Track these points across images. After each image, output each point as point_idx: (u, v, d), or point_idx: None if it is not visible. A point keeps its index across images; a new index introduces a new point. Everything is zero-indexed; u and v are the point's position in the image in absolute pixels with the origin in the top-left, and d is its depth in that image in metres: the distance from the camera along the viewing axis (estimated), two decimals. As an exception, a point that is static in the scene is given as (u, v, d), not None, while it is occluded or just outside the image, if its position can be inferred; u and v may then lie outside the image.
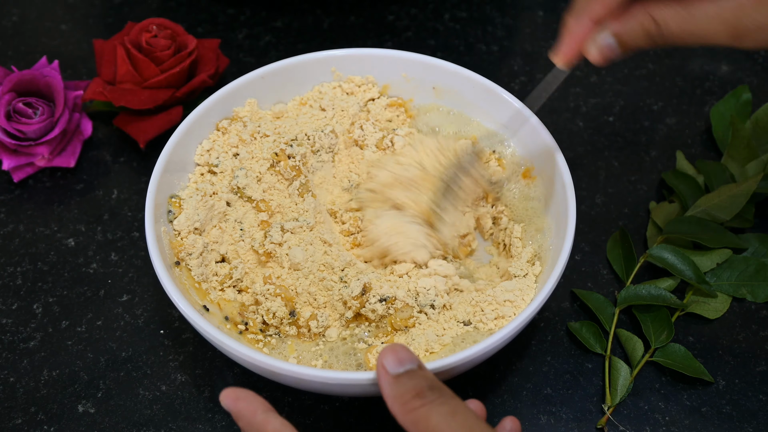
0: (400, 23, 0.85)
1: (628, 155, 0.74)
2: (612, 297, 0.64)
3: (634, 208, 0.70)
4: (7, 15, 0.85)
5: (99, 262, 0.66)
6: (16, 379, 0.60)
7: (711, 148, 0.74)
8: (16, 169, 0.70)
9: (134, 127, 0.72)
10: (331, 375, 0.49)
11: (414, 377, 0.46)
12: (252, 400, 0.48)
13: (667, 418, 0.58)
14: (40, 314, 0.63)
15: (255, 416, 0.48)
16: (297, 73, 0.66)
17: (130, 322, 0.63)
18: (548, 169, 0.61)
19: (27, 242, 0.68)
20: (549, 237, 0.59)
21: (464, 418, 0.44)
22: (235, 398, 0.48)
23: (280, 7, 0.86)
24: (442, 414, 0.44)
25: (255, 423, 0.48)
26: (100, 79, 0.73)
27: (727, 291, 0.64)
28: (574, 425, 0.58)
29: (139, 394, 0.59)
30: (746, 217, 0.67)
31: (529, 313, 0.52)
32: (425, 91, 0.67)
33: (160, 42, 0.72)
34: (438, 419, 0.44)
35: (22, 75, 0.70)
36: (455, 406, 0.44)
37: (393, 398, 0.46)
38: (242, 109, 0.65)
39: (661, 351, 0.60)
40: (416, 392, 0.45)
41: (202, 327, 0.51)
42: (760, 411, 0.59)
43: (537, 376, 0.60)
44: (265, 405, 0.48)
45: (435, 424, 0.44)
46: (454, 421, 0.44)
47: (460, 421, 0.44)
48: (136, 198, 0.70)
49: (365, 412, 0.59)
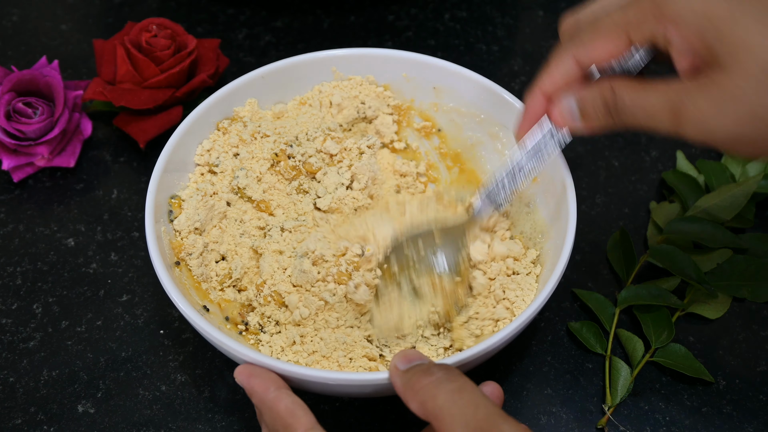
0: (400, 23, 0.85)
1: (628, 155, 0.74)
2: (612, 297, 0.64)
3: (634, 208, 0.70)
4: (7, 15, 0.85)
5: (99, 262, 0.66)
6: (16, 379, 0.60)
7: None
8: (16, 169, 0.70)
9: (134, 127, 0.72)
10: (331, 375, 0.49)
11: (423, 366, 0.46)
12: (265, 377, 0.49)
13: (668, 418, 0.58)
14: (39, 314, 0.63)
15: (267, 393, 0.48)
16: (297, 73, 0.66)
17: (130, 322, 0.63)
18: (548, 169, 0.60)
19: (27, 242, 0.68)
20: (549, 237, 0.59)
21: (471, 396, 0.43)
22: (248, 374, 0.49)
23: (280, 7, 0.86)
24: (449, 391, 0.44)
25: (267, 400, 0.48)
26: (100, 79, 0.73)
27: (728, 291, 0.64)
28: (574, 425, 0.58)
29: (139, 394, 0.59)
30: (746, 217, 0.67)
31: (530, 314, 0.52)
32: (425, 91, 0.67)
33: (160, 42, 0.72)
34: (445, 397, 0.43)
35: (22, 75, 0.70)
36: (462, 384, 0.44)
37: (402, 386, 0.46)
38: (242, 109, 0.65)
39: (661, 351, 0.60)
40: (423, 371, 0.45)
41: (202, 327, 0.51)
42: (760, 411, 0.59)
43: (537, 376, 0.60)
44: (278, 382, 0.49)
45: (442, 402, 0.43)
46: (461, 398, 0.43)
47: (466, 399, 0.43)
48: (136, 198, 0.70)
49: (365, 412, 0.59)
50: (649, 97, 0.47)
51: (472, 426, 0.42)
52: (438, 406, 0.43)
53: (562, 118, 0.51)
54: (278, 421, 0.48)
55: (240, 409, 0.58)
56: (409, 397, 0.45)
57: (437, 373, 0.45)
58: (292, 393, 0.48)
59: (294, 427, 0.47)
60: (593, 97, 0.49)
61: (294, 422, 0.47)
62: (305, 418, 0.47)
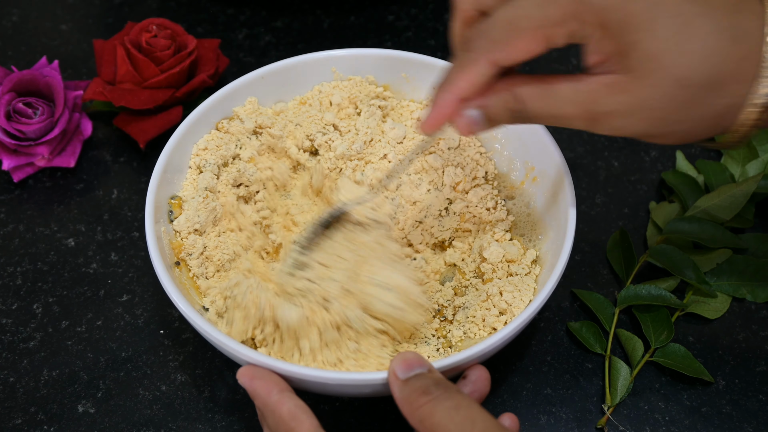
0: (400, 23, 0.85)
1: (628, 155, 0.74)
2: (612, 297, 0.64)
3: (634, 208, 0.70)
4: (7, 15, 0.85)
5: (99, 262, 0.66)
6: (16, 379, 0.60)
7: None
8: (16, 169, 0.70)
9: (134, 127, 0.72)
10: (331, 375, 0.49)
11: (422, 378, 0.46)
12: (268, 380, 0.49)
13: (667, 418, 0.58)
14: (40, 314, 0.63)
15: (270, 396, 0.48)
16: (297, 73, 0.66)
17: (130, 322, 0.63)
18: (548, 169, 0.61)
19: (27, 242, 0.68)
20: (549, 238, 0.59)
21: (468, 412, 0.44)
22: (251, 377, 0.49)
23: (280, 7, 0.86)
24: (446, 408, 0.44)
25: (270, 403, 0.48)
26: (100, 79, 0.73)
27: (727, 291, 0.64)
28: (574, 425, 0.58)
29: (139, 394, 0.59)
30: (746, 217, 0.67)
31: (529, 314, 0.52)
32: (425, 91, 0.67)
33: (160, 42, 0.72)
34: (442, 414, 0.44)
35: (22, 75, 0.70)
36: (459, 401, 0.45)
37: (402, 400, 0.46)
38: (242, 108, 0.65)
39: (661, 351, 0.60)
40: (422, 390, 0.45)
41: (202, 327, 0.51)
42: (760, 411, 0.59)
43: (537, 376, 0.60)
44: (281, 385, 0.49)
45: (439, 419, 0.44)
46: (458, 415, 0.44)
47: (463, 415, 0.44)
48: (136, 198, 0.70)
49: (365, 412, 0.59)
50: (558, 104, 0.46)
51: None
52: (435, 423, 0.44)
53: (469, 128, 0.49)
54: (281, 424, 0.48)
55: (240, 409, 0.58)
56: (407, 412, 0.46)
57: (435, 392, 0.45)
58: (295, 396, 0.48)
59: (297, 430, 0.47)
60: (495, 105, 0.48)
61: (297, 426, 0.47)
62: (308, 422, 0.47)
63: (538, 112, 0.47)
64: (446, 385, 0.46)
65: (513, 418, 0.48)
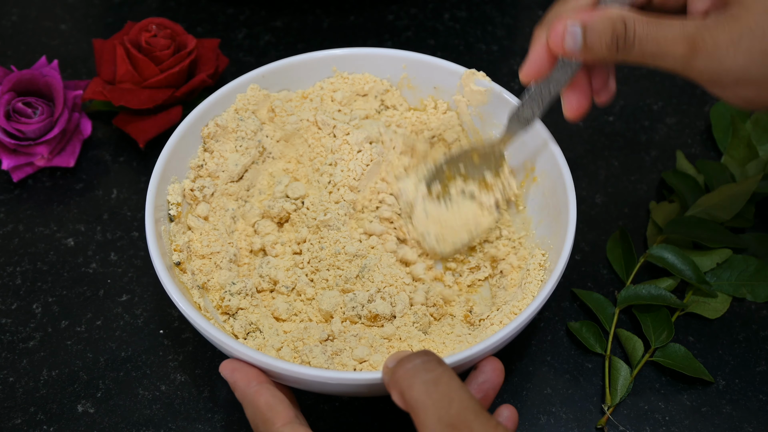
0: (400, 23, 0.85)
1: (628, 155, 0.74)
2: (612, 297, 0.64)
3: (634, 208, 0.70)
4: (6, 15, 0.85)
5: (98, 262, 0.66)
6: (16, 379, 0.60)
7: (711, 148, 0.74)
8: (16, 168, 0.70)
9: (134, 127, 0.72)
10: (331, 375, 0.49)
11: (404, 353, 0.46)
12: (247, 371, 0.49)
13: (667, 418, 0.58)
14: (39, 314, 0.63)
15: (249, 387, 0.49)
16: (297, 73, 0.66)
17: (129, 321, 0.63)
18: (548, 169, 0.61)
19: (26, 242, 0.68)
20: (549, 237, 0.59)
21: (446, 388, 0.43)
22: (232, 369, 0.50)
23: (280, 7, 0.86)
24: (423, 382, 0.43)
25: (248, 394, 0.48)
26: (100, 78, 0.73)
27: (727, 291, 0.64)
28: (574, 425, 0.58)
29: (139, 394, 0.59)
30: (746, 217, 0.67)
31: (529, 314, 0.52)
32: (426, 90, 0.67)
33: (160, 42, 0.72)
34: (419, 388, 0.43)
35: (21, 75, 0.70)
36: (439, 375, 0.43)
37: (388, 381, 0.45)
38: (244, 96, 0.65)
39: (661, 351, 0.60)
40: (404, 359, 0.45)
41: (202, 327, 0.51)
42: (760, 411, 0.59)
43: (537, 376, 0.60)
44: (260, 377, 0.49)
45: (417, 394, 0.43)
46: (435, 391, 0.42)
47: (441, 391, 0.42)
48: (136, 198, 0.70)
49: (365, 412, 0.59)
50: (663, 30, 0.47)
51: (445, 421, 0.42)
52: (413, 398, 0.43)
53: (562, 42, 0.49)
54: (258, 415, 0.48)
55: (240, 409, 0.58)
56: (391, 387, 0.45)
57: (415, 360, 0.44)
58: (273, 387, 0.48)
59: (272, 421, 0.47)
60: (602, 28, 0.48)
61: (273, 416, 0.47)
62: (285, 413, 0.47)
63: (642, 37, 0.47)
64: (427, 354, 0.45)
65: (511, 410, 0.48)
